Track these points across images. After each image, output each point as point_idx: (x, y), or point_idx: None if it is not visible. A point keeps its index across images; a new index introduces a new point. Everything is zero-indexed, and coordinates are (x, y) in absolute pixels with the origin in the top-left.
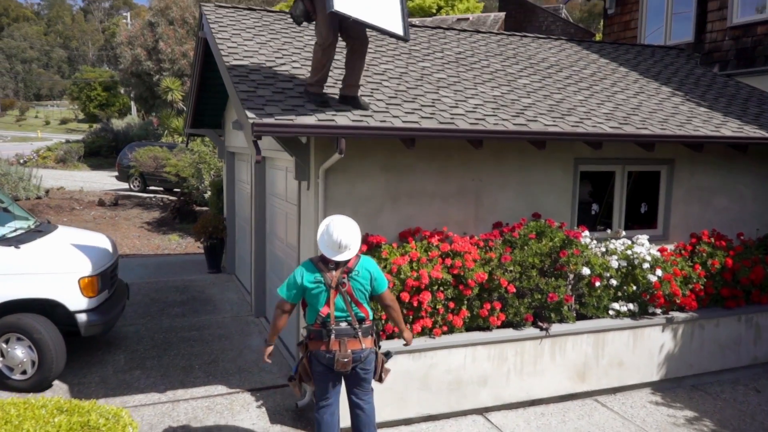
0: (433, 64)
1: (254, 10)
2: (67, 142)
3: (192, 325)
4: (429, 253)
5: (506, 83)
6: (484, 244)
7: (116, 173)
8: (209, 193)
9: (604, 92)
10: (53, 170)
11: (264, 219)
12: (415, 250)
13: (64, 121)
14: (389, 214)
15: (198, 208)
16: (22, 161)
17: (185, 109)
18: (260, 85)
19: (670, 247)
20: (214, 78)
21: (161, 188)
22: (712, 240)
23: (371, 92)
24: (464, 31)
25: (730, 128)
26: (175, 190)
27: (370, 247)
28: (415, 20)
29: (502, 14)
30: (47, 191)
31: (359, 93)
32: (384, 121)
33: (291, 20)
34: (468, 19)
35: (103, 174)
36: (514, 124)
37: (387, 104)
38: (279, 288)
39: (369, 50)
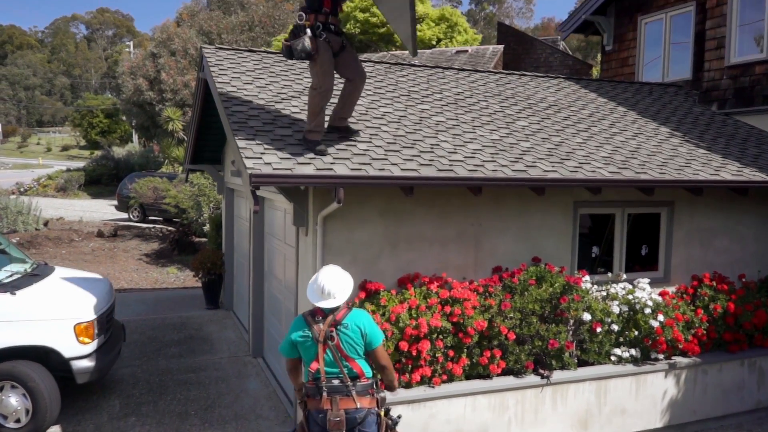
0: (432, 106)
1: (255, 51)
2: (68, 170)
3: (189, 366)
4: (428, 300)
5: (505, 125)
6: (484, 289)
7: (116, 202)
8: (208, 226)
9: (602, 134)
10: (53, 199)
11: (262, 258)
12: (414, 297)
13: (65, 148)
14: (388, 260)
15: (197, 239)
16: (22, 190)
17: (186, 138)
18: (259, 132)
19: (671, 289)
20: (214, 116)
21: (161, 218)
22: (714, 283)
23: (370, 138)
24: (463, 70)
25: (730, 171)
26: (175, 220)
27: (369, 294)
28: (415, 59)
29: (501, 47)
30: (46, 222)
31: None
32: (382, 169)
33: (290, 63)
34: (467, 51)
35: (103, 202)
36: (512, 171)
37: (386, 151)
38: (280, 345)
39: (368, 92)
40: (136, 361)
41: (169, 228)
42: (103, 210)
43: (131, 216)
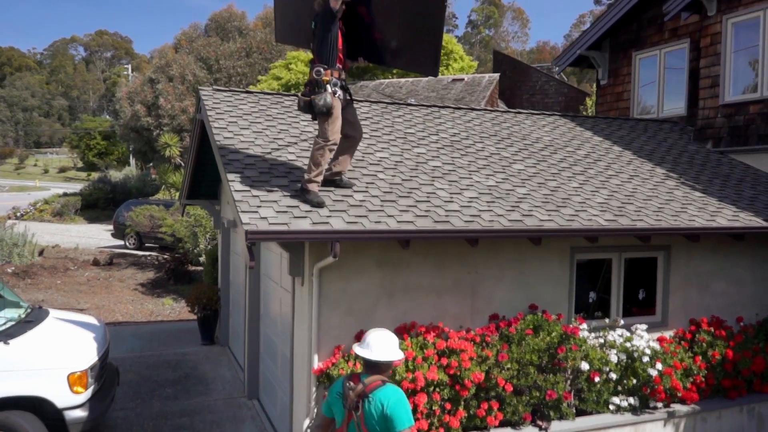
0: (428, 150)
1: (251, 93)
2: (65, 194)
3: (183, 409)
4: (425, 351)
5: (501, 169)
6: (481, 339)
7: (112, 229)
8: (204, 257)
9: (598, 177)
10: (50, 224)
11: (258, 298)
12: (411, 348)
13: (62, 170)
14: (384, 310)
15: (192, 268)
16: (19, 215)
17: (183, 164)
18: (255, 182)
19: (669, 333)
20: (211, 154)
21: (157, 246)
22: (712, 329)
23: (366, 187)
24: (459, 108)
25: (726, 216)
26: (171, 248)
27: None
28: (412, 99)
29: (496, 75)
30: (42, 251)
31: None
32: (378, 222)
33: (287, 104)
34: (463, 79)
35: (99, 228)
36: (509, 221)
37: (382, 201)
38: None
39: (365, 135)
40: (130, 404)
41: (165, 256)
42: (99, 236)
43: (127, 243)
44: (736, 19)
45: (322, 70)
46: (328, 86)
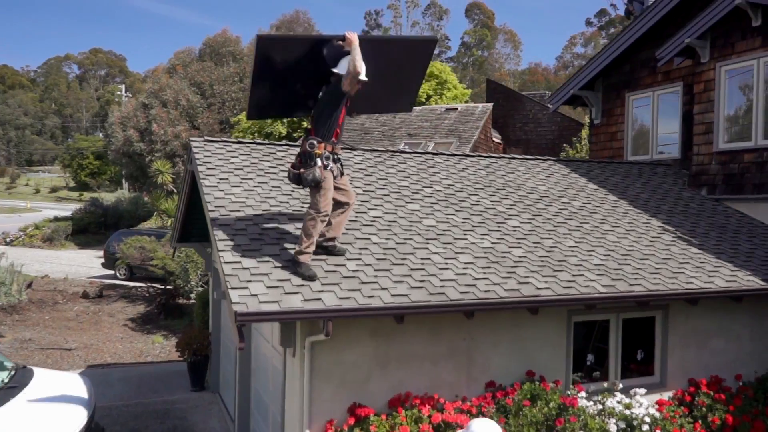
0: (422, 206)
1: (243, 143)
2: (56, 218)
3: None
4: (420, 425)
5: (496, 227)
6: (477, 411)
7: (103, 258)
8: (195, 294)
9: (594, 232)
10: (39, 250)
11: (250, 352)
12: (405, 423)
13: (54, 189)
14: (378, 381)
15: (183, 301)
16: (8, 240)
17: (175, 191)
18: (246, 252)
19: (668, 395)
20: (201, 202)
21: (147, 277)
22: (711, 391)
23: (360, 253)
24: (453, 155)
25: (723, 276)
26: (163, 278)
27: (358, 419)
28: (405, 143)
29: (490, 105)
30: (30, 283)
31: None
32: (372, 296)
33: (279, 155)
34: (456, 109)
35: (90, 254)
36: (505, 291)
37: (375, 270)
38: None
39: (358, 191)
40: None
41: (157, 286)
42: (89, 264)
43: (118, 274)
44: (729, 67)
45: (315, 143)
46: (319, 160)
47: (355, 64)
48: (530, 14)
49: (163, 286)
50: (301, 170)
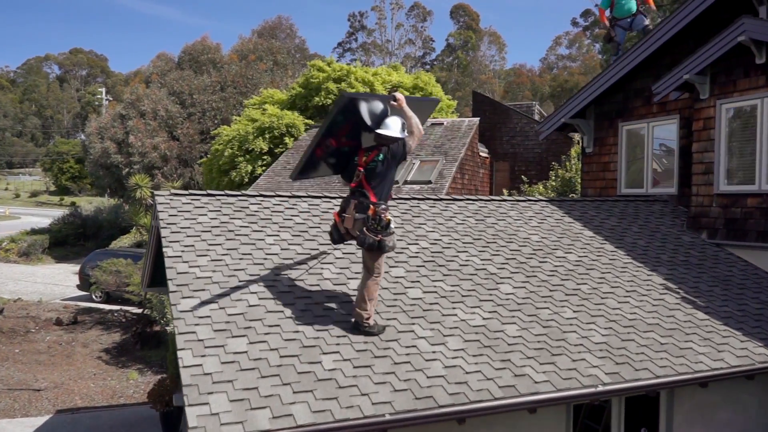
0: (407, 271)
1: (213, 196)
2: (33, 231)
3: None
4: None
5: (488, 295)
6: None
7: (78, 280)
8: (170, 327)
9: (593, 297)
10: (15, 266)
11: None
12: None
13: (34, 194)
14: None
15: (160, 328)
16: None
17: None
18: (208, 348)
19: None
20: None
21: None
22: None
23: (337, 343)
24: (440, 200)
25: (733, 349)
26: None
27: None
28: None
29: (476, 120)
30: (2, 309)
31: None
32: (350, 405)
33: (252, 210)
34: (442, 123)
35: (67, 269)
36: (500, 387)
37: (354, 368)
38: None
39: (336, 253)
40: None
41: (133, 312)
42: (66, 281)
43: (94, 296)
44: (730, 105)
45: (384, 207)
46: (392, 226)
47: (419, 126)
48: (514, 14)
49: (140, 310)
50: (381, 237)
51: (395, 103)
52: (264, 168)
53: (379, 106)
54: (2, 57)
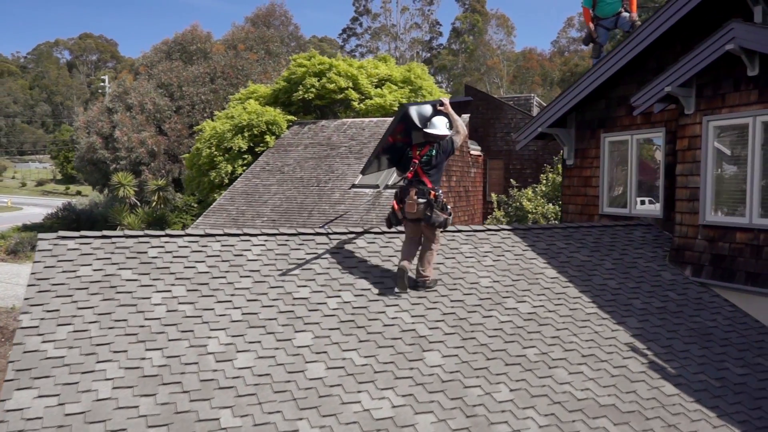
0: (315, 337)
1: (110, 238)
2: (25, 226)
3: None
4: None
5: (408, 369)
6: None
7: None
8: None
9: (539, 367)
10: (3, 264)
11: None
12: None
13: (40, 183)
14: None
15: None
16: None
17: (139, 204)
18: None
19: None
20: None
21: None
22: None
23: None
24: (387, 233)
25: None
26: None
27: None
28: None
29: (467, 116)
30: None
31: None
32: None
33: (151, 258)
34: None
35: None
36: None
37: None
38: None
39: (236, 313)
40: None
41: None
42: None
43: None
44: (718, 123)
45: (440, 192)
46: (449, 206)
47: (463, 125)
48: None
49: None
50: (445, 216)
51: (442, 108)
52: (244, 167)
53: (427, 109)
54: (14, 42)
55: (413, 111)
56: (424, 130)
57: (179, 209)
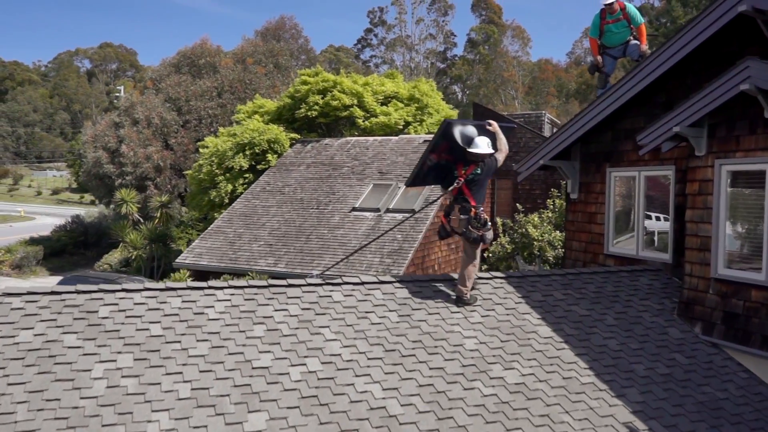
0: (270, 419)
1: (58, 293)
2: (32, 240)
3: None
4: None
5: None
6: None
7: None
8: None
9: None
10: (6, 279)
11: None
12: None
13: (55, 191)
14: None
15: None
16: None
17: (142, 220)
18: None
19: None
20: None
21: None
22: None
23: None
24: (363, 284)
25: None
26: None
27: None
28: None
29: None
30: None
31: None
32: None
33: (98, 315)
34: None
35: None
36: None
37: None
38: None
39: (183, 391)
40: None
41: None
42: None
43: None
44: (732, 167)
45: (482, 209)
46: (488, 224)
47: (506, 144)
48: (540, 7)
49: None
50: (482, 232)
51: (490, 128)
52: (246, 186)
53: (471, 129)
54: (35, 51)
55: (456, 130)
56: (468, 149)
57: (185, 224)
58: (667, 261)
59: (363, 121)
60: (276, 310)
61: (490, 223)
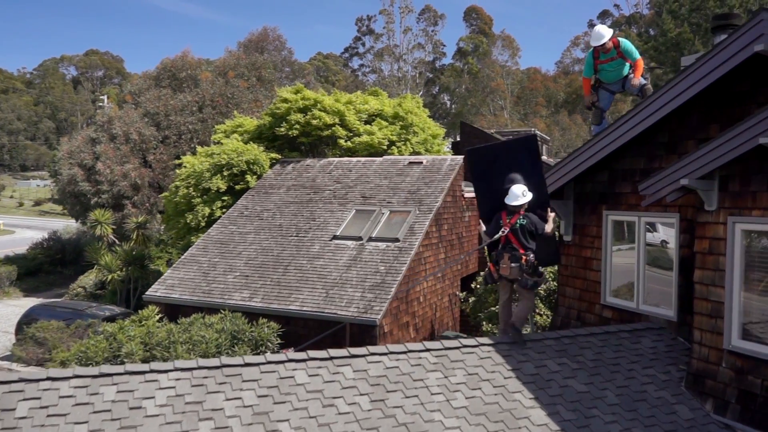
0: None
1: None
2: (7, 258)
3: None
4: None
5: None
6: None
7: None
8: None
9: None
10: None
11: None
12: None
13: (38, 203)
14: None
15: None
16: None
17: (117, 242)
18: None
19: None
20: None
21: None
22: None
23: None
24: (331, 359)
25: None
26: None
27: None
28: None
29: (460, 158)
30: None
31: None
32: None
33: (18, 413)
34: (421, 163)
35: (33, 303)
36: None
37: None
38: None
39: None
40: None
41: None
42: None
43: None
44: (747, 226)
45: (532, 256)
46: (540, 268)
47: (552, 224)
48: (529, 15)
49: None
50: (534, 279)
51: (552, 214)
52: (223, 210)
53: (518, 188)
54: (20, 58)
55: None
56: (507, 202)
57: (164, 242)
58: (671, 318)
59: (345, 141)
60: (227, 400)
61: (541, 268)
